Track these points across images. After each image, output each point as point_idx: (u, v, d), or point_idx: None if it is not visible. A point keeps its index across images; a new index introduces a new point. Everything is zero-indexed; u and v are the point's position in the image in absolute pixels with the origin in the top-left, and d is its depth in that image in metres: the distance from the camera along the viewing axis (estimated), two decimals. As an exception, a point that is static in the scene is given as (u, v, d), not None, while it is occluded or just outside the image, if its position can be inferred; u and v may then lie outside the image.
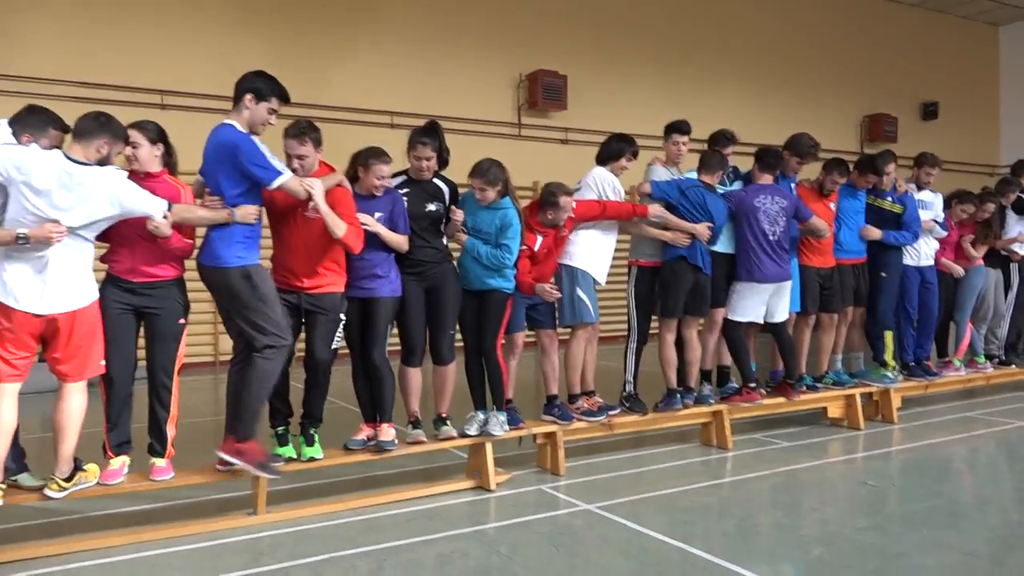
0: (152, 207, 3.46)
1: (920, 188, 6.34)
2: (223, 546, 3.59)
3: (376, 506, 4.12)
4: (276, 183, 3.61)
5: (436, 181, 4.39)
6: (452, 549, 3.57)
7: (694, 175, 5.29)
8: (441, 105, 11.61)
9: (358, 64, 11.11)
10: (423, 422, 4.49)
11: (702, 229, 4.97)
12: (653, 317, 5.29)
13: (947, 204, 6.54)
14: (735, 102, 13.82)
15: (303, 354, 4.13)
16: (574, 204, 4.67)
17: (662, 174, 5.18)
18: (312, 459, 4.07)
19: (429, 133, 4.30)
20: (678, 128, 5.25)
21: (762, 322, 5.42)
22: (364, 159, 4.09)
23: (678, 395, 5.16)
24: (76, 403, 3.45)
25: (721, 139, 5.53)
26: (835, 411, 5.95)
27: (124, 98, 9.08)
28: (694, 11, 13.93)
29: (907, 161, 6.80)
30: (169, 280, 3.71)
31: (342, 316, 4.06)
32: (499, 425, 4.45)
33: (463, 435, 4.43)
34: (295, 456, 4.05)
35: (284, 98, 3.73)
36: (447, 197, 4.38)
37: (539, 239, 4.62)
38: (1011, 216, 6.97)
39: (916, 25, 16.55)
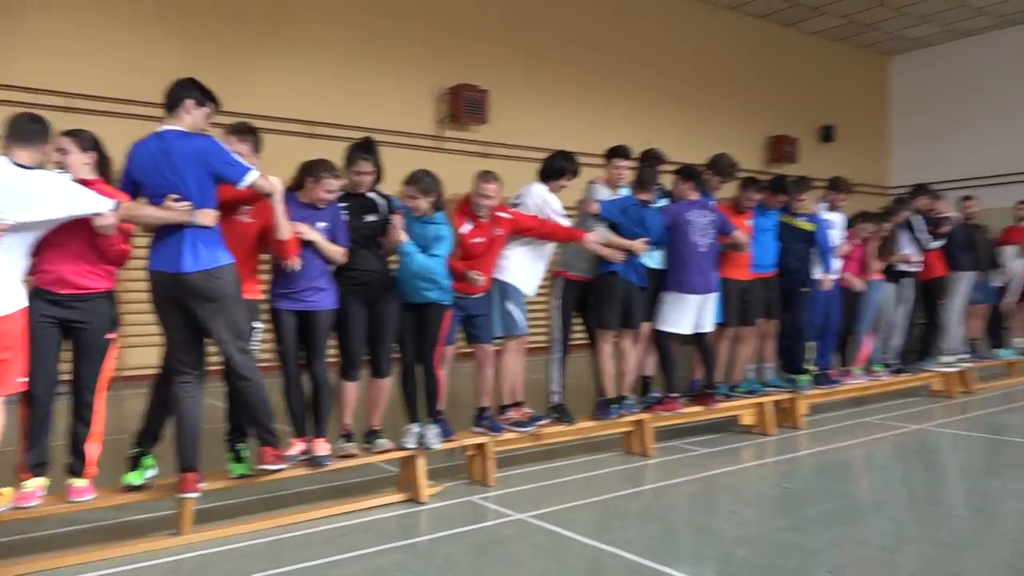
0: (100, 204, 3.40)
1: (832, 209, 6.75)
2: (146, 569, 3.49)
3: (307, 522, 4.07)
4: (247, 180, 3.60)
5: (371, 195, 4.41)
6: (388, 563, 3.58)
7: (626, 191, 5.49)
8: (361, 116, 11.57)
9: (274, 71, 10.93)
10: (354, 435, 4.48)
11: (639, 245, 5.19)
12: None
13: (849, 223, 6.97)
14: (647, 121, 14.29)
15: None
16: (493, 189, 4.71)
17: (604, 194, 5.36)
18: (243, 476, 4.00)
19: (368, 149, 4.35)
20: (620, 153, 5.45)
21: (689, 333, 5.64)
22: (316, 171, 4.09)
23: (615, 405, 5.31)
24: None
25: (651, 158, 5.75)
26: (748, 418, 6.23)
27: (28, 100, 8.67)
28: (609, 32, 14.33)
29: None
30: (99, 292, 3.60)
31: (259, 324, 4.02)
32: (435, 437, 4.48)
33: (401, 448, 4.44)
34: (248, 473, 3.99)
35: (218, 105, 3.71)
36: (384, 210, 4.41)
37: (468, 225, 4.71)
38: (903, 235, 7.47)
39: (815, 52, 17.48)
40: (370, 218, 4.34)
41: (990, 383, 8.44)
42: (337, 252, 4.16)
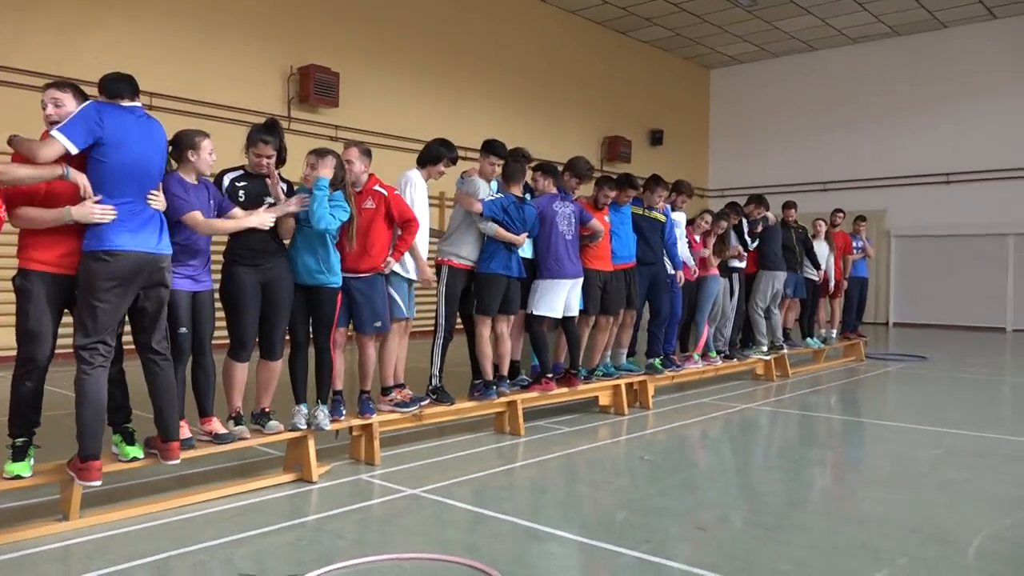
0: None
1: (674, 209, 7.42)
2: (33, 556, 3.34)
3: (196, 504, 4.02)
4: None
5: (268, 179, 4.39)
6: (296, 537, 3.65)
7: (495, 185, 5.77)
8: (205, 90, 11.12)
9: (109, 36, 10.22)
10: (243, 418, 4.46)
11: (521, 239, 5.49)
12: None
13: (690, 222, 7.70)
14: (493, 115, 14.72)
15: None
16: (353, 153, 4.84)
17: (483, 188, 5.58)
18: (135, 459, 3.86)
19: (271, 131, 4.32)
20: (496, 151, 5.69)
21: (559, 317, 6.03)
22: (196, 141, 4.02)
23: (494, 386, 5.58)
24: None
25: (519, 156, 6.05)
26: (605, 399, 6.75)
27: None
28: (460, 24, 14.59)
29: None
30: None
31: None
32: (326, 418, 4.55)
33: (292, 428, 4.46)
34: (140, 456, 3.85)
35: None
36: (283, 193, 4.40)
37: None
38: (733, 235, 8.33)
39: (647, 59, 18.68)
40: (269, 200, 4.33)
41: (801, 368, 9.58)
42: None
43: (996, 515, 4.03)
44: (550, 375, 6.03)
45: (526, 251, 5.83)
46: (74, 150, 3.41)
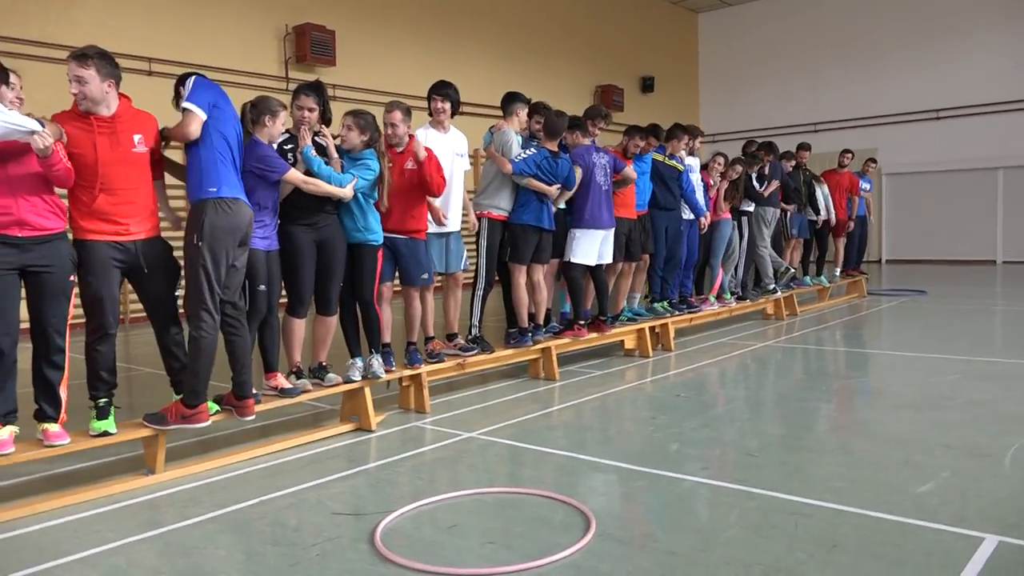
0: (28, 120, 3.27)
1: (690, 153, 7.57)
2: (123, 509, 3.51)
3: (268, 455, 4.21)
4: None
5: (318, 137, 4.49)
6: (375, 479, 3.86)
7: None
8: (203, 53, 11.02)
9: (108, 3, 10.11)
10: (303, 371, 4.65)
11: (553, 191, 5.64)
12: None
13: (704, 166, 7.86)
14: (487, 68, 14.70)
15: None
16: (396, 117, 4.92)
17: (515, 141, 5.69)
18: (106, 433, 3.73)
19: (313, 85, 4.42)
20: (539, 110, 5.89)
21: (593, 264, 6.21)
22: (270, 108, 4.14)
23: (530, 333, 5.78)
24: None
25: (544, 109, 6.09)
26: (630, 343, 6.97)
27: None
28: (452, -23, 14.45)
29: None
30: (58, 233, 3.50)
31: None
32: (381, 367, 4.73)
33: (348, 380, 4.64)
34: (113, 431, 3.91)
35: None
36: (327, 151, 4.52)
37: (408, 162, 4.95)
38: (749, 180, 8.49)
39: (634, 6, 18.58)
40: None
41: (808, 306, 9.85)
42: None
43: (1021, 430, 4.29)
44: (581, 322, 6.23)
45: (559, 204, 6.00)
46: (203, 116, 3.76)
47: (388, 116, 4.92)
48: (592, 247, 6.13)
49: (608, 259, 6.33)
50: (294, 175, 4.19)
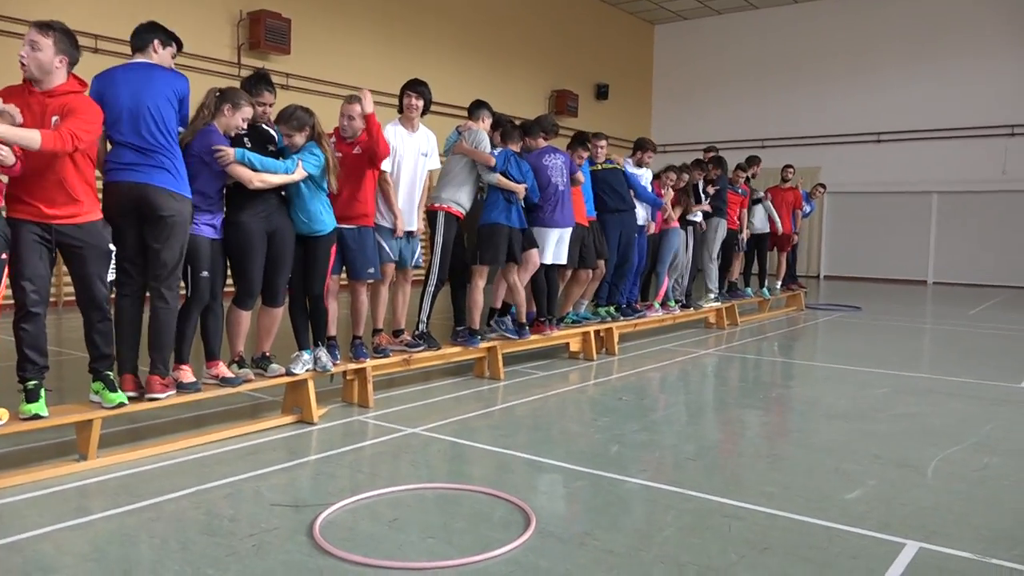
0: None
1: (639, 165, 7.70)
2: (52, 495, 3.41)
3: (206, 444, 4.14)
4: None
5: (266, 127, 4.45)
6: (314, 472, 3.83)
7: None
8: (153, 34, 10.73)
9: (53, -24, 9.78)
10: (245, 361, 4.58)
11: (521, 190, 5.72)
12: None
13: (656, 176, 7.98)
14: (447, 66, 14.66)
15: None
16: (359, 113, 4.89)
17: (487, 139, 5.73)
18: (121, 404, 3.84)
19: (268, 80, 4.38)
20: (489, 108, 5.91)
21: (548, 263, 6.28)
22: (234, 99, 4.08)
23: (479, 336, 5.81)
24: None
25: (505, 120, 6.19)
26: (574, 345, 7.04)
27: None
28: (413, -27, 14.39)
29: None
30: None
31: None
32: (329, 359, 4.69)
33: (290, 372, 4.58)
34: (125, 402, 3.89)
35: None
36: (281, 142, 4.47)
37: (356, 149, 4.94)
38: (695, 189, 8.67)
39: (593, 14, 18.77)
40: (271, 148, 4.38)
41: (748, 317, 10.09)
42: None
43: (945, 442, 4.48)
44: (543, 319, 6.37)
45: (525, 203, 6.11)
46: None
47: (348, 108, 4.89)
48: (548, 245, 6.22)
49: (562, 260, 6.41)
50: (241, 171, 4.11)
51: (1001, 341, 8.95)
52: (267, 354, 4.61)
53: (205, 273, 4.11)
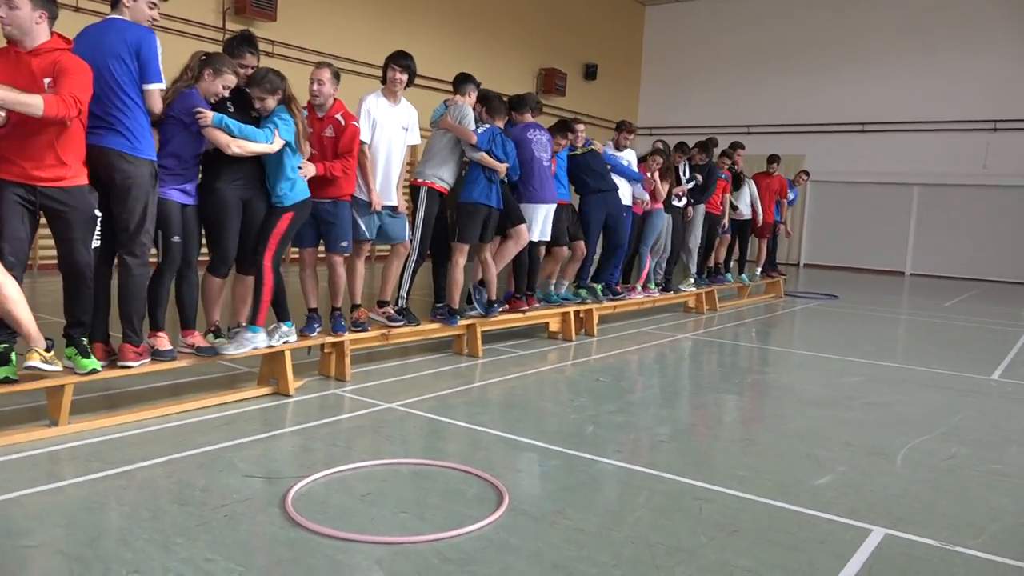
0: None
1: (618, 148, 7.69)
2: (22, 459, 3.38)
3: (181, 414, 4.12)
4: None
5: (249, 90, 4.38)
6: (289, 444, 3.82)
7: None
8: (136, -4, 10.53)
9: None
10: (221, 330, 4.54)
11: (503, 169, 5.68)
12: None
13: (642, 159, 7.97)
14: (435, 41, 14.52)
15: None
16: (323, 74, 4.80)
17: (471, 114, 5.67)
18: (94, 371, 3.80)
19: (252, 42, 4.30)
20: (475, 82, 5.81)
21: (537, 240, 6.28)
22: (216, 64, 4.00)
23: (458, 315, 5.80)
24: None
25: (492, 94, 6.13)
26: (554, 326, 7.05)
27: None
28: (403, -57, 14.18)
29: (571, 114, 7.96)
30: None
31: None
32: (285, 335, 4.65)
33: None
34: (99, 369, 3.85)
35: None
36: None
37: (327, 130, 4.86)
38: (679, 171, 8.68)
39: (585, -7, 18.63)
40: (254, 114, 4.32)
41: (727, 302, 10.15)
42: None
43: (916, 432, 4.54)
44: (519, 295, 6.37)
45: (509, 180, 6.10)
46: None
47: (315, 73, 4.79)
48: (536, 222, 6.24)
49: (547, 236, 6.42)
50: (218, 135, 4.03)
51: (975, 333, 9.07)
52: (243, 324, 4.57)
53: (176, 238, 4.07)
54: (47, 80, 3.46)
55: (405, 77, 5.28)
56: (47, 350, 3.57)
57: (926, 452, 4.17)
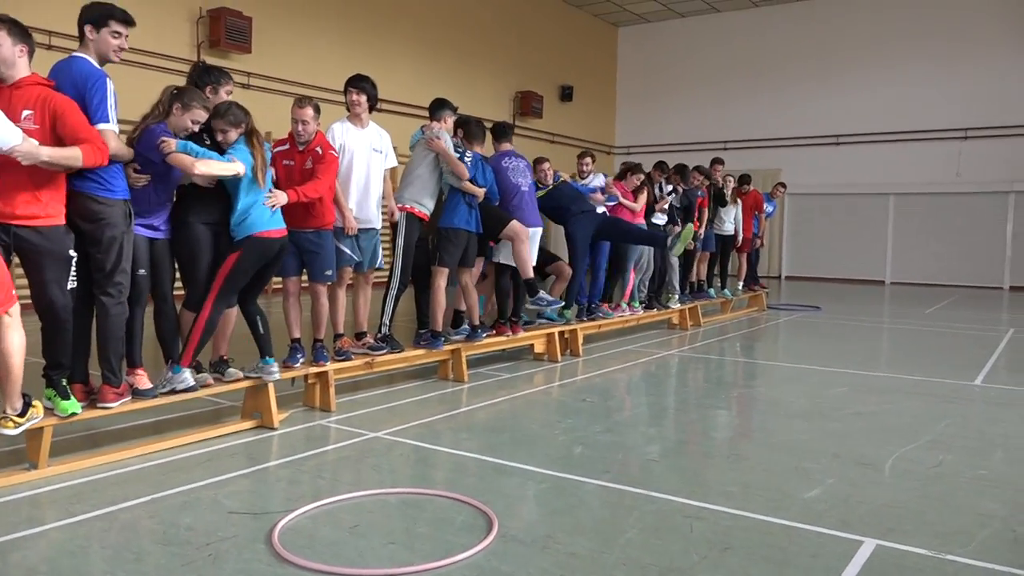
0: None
1: (582, 176, 7.84)
2: (9, 503, 3.31)
3: (162, 451, 4.06)
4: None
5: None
6: (275, 478, 3.77)
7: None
8: (110, 31, 10.52)
9: (6, -29, 9.53)
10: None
11: (481, 194, 5.76)
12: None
13: (622, 175, 8.08)
14: (410, 67, 14.62)
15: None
16: (306, 114, 4.82)
17: (451, 143, 5.69)
18: (73, 414, 3.73)
19: (217, 77, 4.34)
20: (451, 107, 5.84)
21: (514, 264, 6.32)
22: (185, 99, 4.00)
23: (443, 337, 5.78)
24: None
25: (470, 120, 6.18)
26: (539, 347, 7.04)
27: None
28: (376, -27, 14.29)
29: (549, 135, 7.98)
30: None
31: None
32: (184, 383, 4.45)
33: (248, 377, 4.51)
34: (78, 411, 3.79)
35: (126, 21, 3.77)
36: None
37: (282, 147, 4.91)
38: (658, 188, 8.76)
39: (557, 15, 18.82)
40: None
41: (711, 317, 10.19)
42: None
43: (902, 440, 4.55)
44: (504, 320, 6.36)
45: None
46: None
47: (299, 112, 4.81)
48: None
49: (533, 261, 6.44)
50: (182, 158, 3.94)
51: (955, 339, 9.15)
52: (224, 357, 4.53)
53: (142, 271, 4.04)
54: (26, 112, 3.46)
55: (364, 98, 5.28)
56: (20, 414, 3.52)
57: (913, 460, 4.18)
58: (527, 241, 6.18)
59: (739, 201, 10.64)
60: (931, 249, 17.46)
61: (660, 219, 8.73)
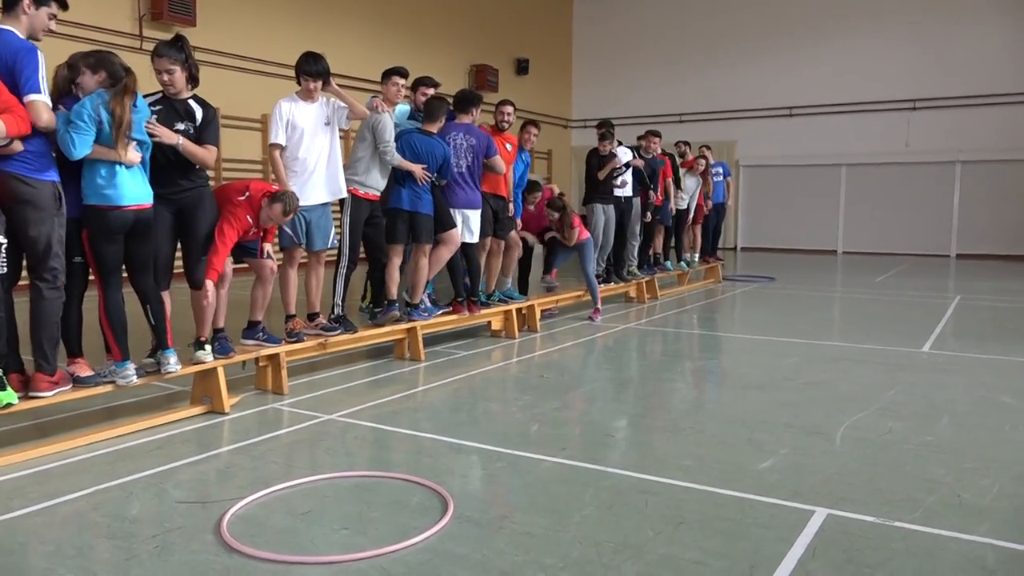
0: None
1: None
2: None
3: (108, 440, 3.95)
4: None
5: (191, 101, 4.22)
6: (225, 464, 3.69)
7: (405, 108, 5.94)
8: (45, 4, 10.11)
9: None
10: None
11: (419, 172, 5.58)
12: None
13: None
14: (360, 39, 14.33)
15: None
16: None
17: (391, 126, 5.55)
18: (9, 404, 3.59)
19: (173, 45, 4.12)
20: (400, 72, 5.70)
21: (465, 241, 6.24)
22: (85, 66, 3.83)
23: (395, 304, 5.77)
24: None
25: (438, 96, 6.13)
26: (496, 324, 7.01)
27: None
28: (325, -58, 13.92)
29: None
30: None
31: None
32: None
33: (197, 362, 4.40)
34: (14, 402, 3.65)
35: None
36: (202, 119, 4.22)
37: None
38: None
39: (512, -13, 18.60)
40: (180, 127, 4.14)
41: (668, 290, 10.26)
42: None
43: (853, 409, 4.63)
44: (461, 299, 6.31)
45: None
46: None
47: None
48: (458, 226, 6.18)
49: (470, 239, 6.33)
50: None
51: (904, 307, 9.35)
52: (202, 339, 4.42)
53: (78, 259, 3.89)
54: None
55: (319, 84, 5.11)
56: None
57: (863, 429, 4.25)
58: (453, 252, 6.16)
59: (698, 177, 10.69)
60: (881, 219, 17.79)
61: (621, 191, 8.70)
